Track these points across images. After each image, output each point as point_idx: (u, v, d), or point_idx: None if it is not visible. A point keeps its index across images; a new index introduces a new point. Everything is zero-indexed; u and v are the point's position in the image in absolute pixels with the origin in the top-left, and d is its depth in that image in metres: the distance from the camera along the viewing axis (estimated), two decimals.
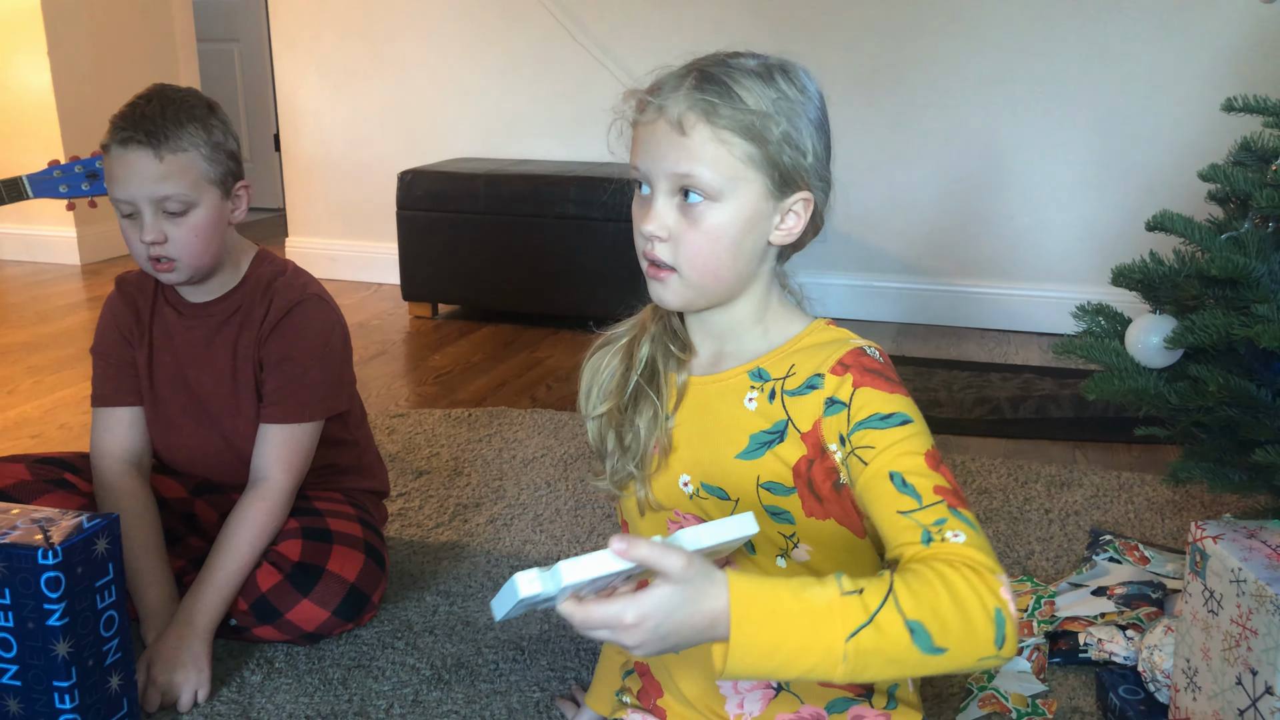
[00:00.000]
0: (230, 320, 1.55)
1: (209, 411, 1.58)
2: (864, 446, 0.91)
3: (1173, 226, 1.23)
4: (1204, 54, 2.91)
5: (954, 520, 0.84)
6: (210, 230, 1.47)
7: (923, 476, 0.87)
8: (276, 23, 3.74)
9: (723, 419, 1.01)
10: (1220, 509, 1.96)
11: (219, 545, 1.48)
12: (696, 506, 1.03)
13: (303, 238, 3.87)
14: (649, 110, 0.97)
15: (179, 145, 1.42)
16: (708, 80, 0.94)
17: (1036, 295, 3.17)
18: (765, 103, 0.93)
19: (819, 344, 1.00)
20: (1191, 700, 1.25)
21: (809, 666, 0.75)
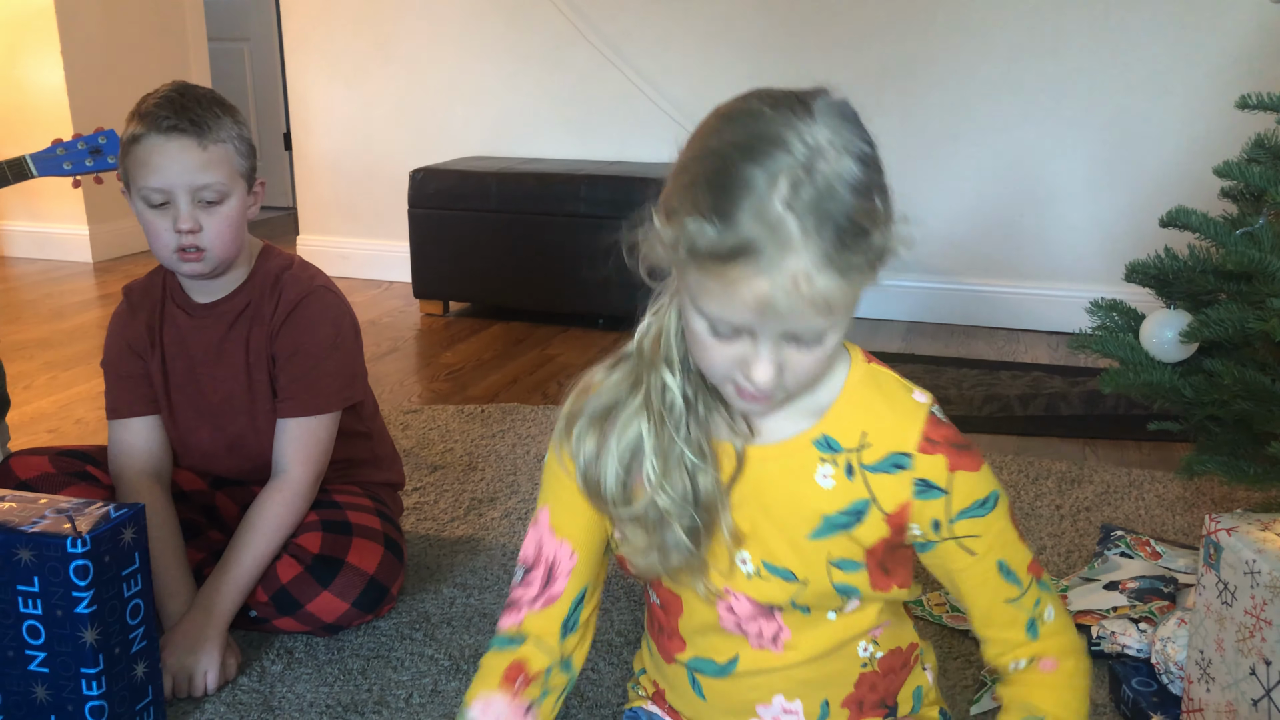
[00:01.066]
0: (241, 317, 1.56)
1: (226, 411, 1.59)
2: (970, 536, 0.91)
3: (1188, 222, 1.24)
4: (1214, 53, 2.92)
5: (1044, 596, 0.95)
6: (239, 222, 1.48)
7: (1019, 556, 0.94)
8: (287, 21, 3.75)
9: (791, 495, 0.91)
10: (1231, 505, 1.96)
11: (238, 536, 1.49)
12: (755, 587, 0.93)
13: (313, 236, 3.89)
14: (753, 282, 0.76)
15: (219, 136, 1.44)
16: (826, 226, 0.75)
17: (1046, 294, 3.17)
18: (877, 207, 0.77)
19: (883, 398, 0.91)
20: (1205, 691, 1.26)
21: None
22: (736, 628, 0.96)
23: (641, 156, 3.45)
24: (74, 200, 4.00)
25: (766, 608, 0.94)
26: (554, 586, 0.97)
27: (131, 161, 1.44)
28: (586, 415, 0.93)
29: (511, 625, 0.99)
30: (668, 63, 3.38)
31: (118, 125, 1.75)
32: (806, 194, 0.74)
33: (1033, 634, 0.95)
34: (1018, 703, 0.96)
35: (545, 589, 0.97)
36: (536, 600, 0.98)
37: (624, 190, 3.10)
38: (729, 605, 0.95)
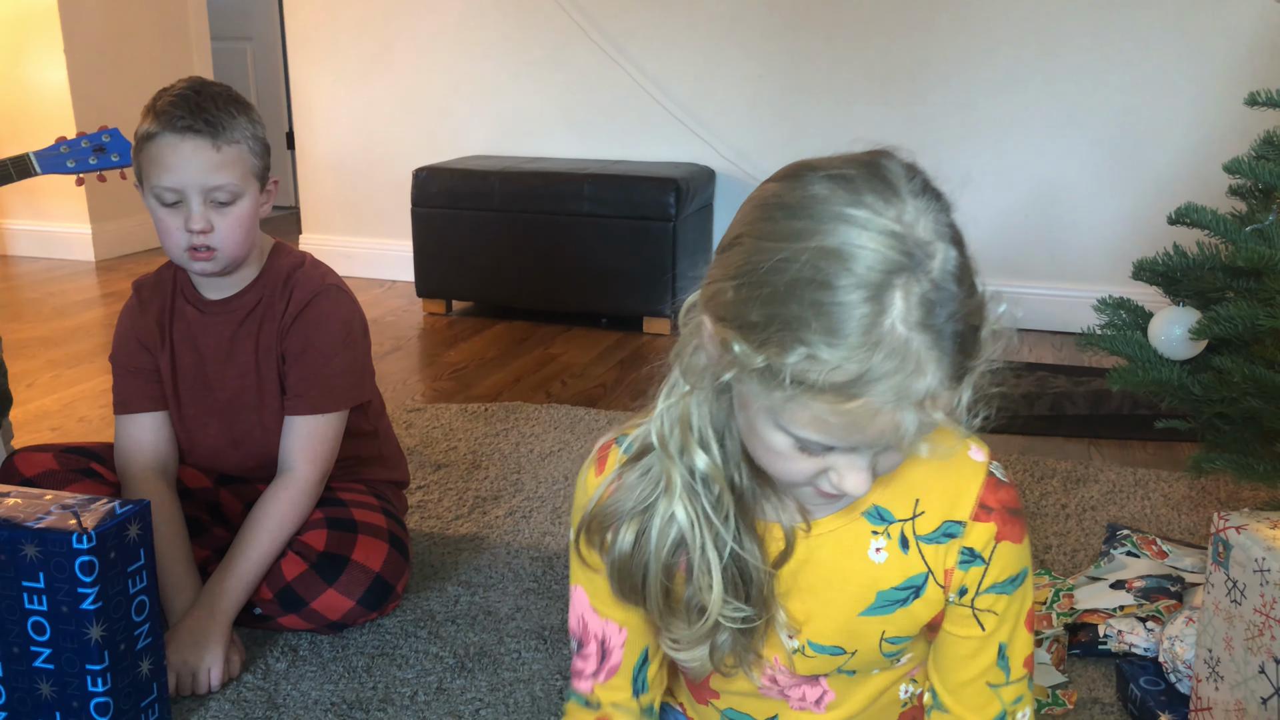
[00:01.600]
0: (252, 314, 1.56)
1: (234, 408, 1.58)
2: (986, 611, 0.86)
3: (1197, 218, 1.24)
4: (1216, 53, 2.92)
5: (1027, 697, 0.90)
6: (251, 222, 1.48)
7: (1022, 644, 0.89)
8: (291, 21, 3.75)
9: (842, 573, 0.85)
10: (1237, 504, 1.96)
11: (243, 533, 1.49)
12: (800, 662, 0.89)
13: (316, 235, 3.88)
14: (870, 401, 0.67)
15: (233, 136, 1.44)
16: (954, 331, 0.67)
17: (1051, 294, 3.17)
18: (977, 295, 0.70)
19: (934, 464, 0.83)
20: (1214, 690, 1.25)
21: None
22: (779, 694, 0.94)
23: (645, 155, 3.44)
24: (77, 199, 4.00)
25: (811, 678, 0.92)
26: (611, 659, 0.93)
27: (145, 158, 1.44)
28: (620, 517, 0.84)
29: (584, 692, 0.96)
30: (672, 62, 3.38)
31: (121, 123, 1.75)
32: (926, 306, 0.66)
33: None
34: None
35: (603, 663, 0.93)
36: (599, 674, 0.94)
37: (627, 189, 3.10)
38: (772, 675, 0.91)
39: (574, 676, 0.96)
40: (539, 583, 1.69)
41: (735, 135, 3.31)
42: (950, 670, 0.89)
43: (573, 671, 0.96)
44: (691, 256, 3.22)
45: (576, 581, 0.93)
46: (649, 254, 3.10)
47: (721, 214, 3.40)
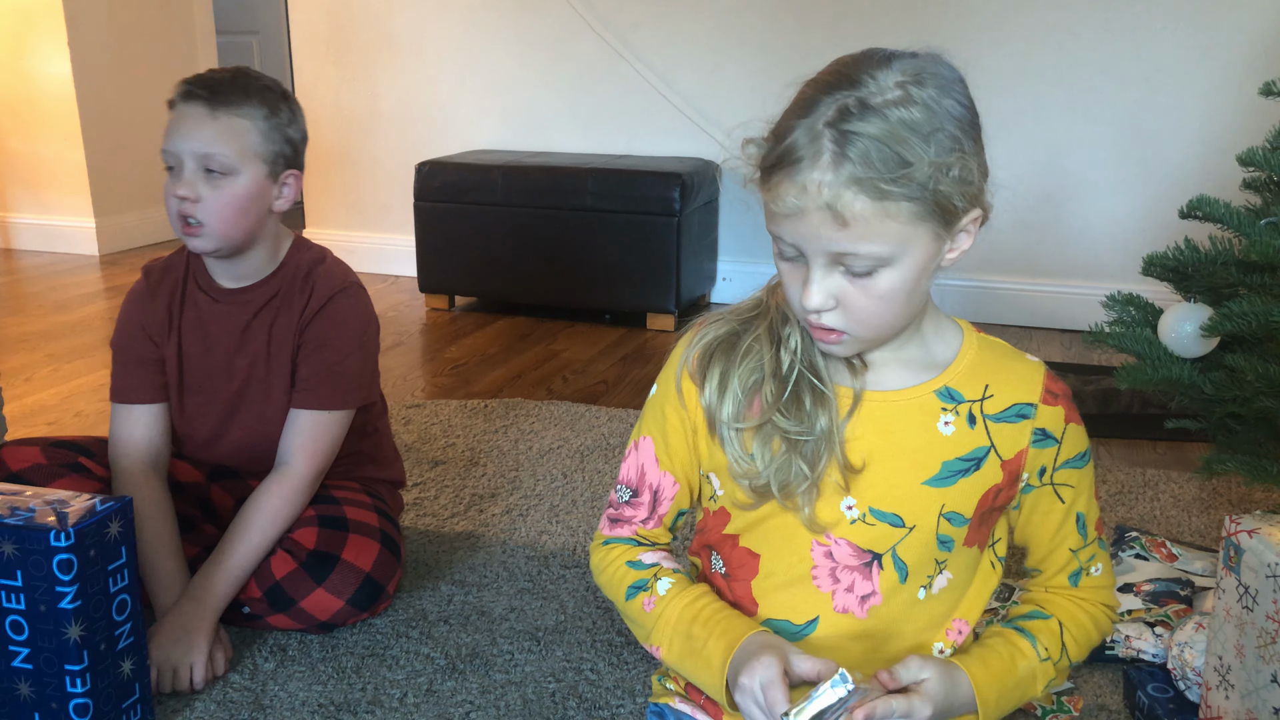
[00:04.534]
0: (269, 306, 1.54)
1: (238, 399, 1.57)
2: (1064, 485, 0.99)
3: (1210, 211, 1.20)
4: (1231, 45, 2.87)
5: (1099, 554, 1.03)
6: (246, 204, 1.46)
7: (1094, 512, 1.02)
8: (295, 15, 3.73)
9: (911, 441, 0.94)
10: (1249, 506, 1.92)
11: (233, 528, 1.46)
12: (859, 532, 0.95)
13: (320, 229, 3.86)
14: (787, 186, 0.83)
15: (236, 110, 1.43)
16: (858, 146, 0.80)
17: (1059, 291, 3.13)
18: (929, 149, 0.81)
19: (999, 358, 0.97)
20: (1224, 699, 1.22)
21: (1020, 706, 1.02)
22: (830, 576, 0.97)
23: (649, 150, 3.41)
24: (80, 193, 3.98)
25: (868, 555, 0.96)
26: (660, 508, 1.04)
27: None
28: (714, 338, 0.97)
29: (624, 534, 1.06)
30: (676, 56, 3.34)
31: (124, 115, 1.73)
32: (849, 118, 0.80)
33: (1074, 582, 1.03)
34: (1032, 601, 1.05)
35: (654, 512, 1.05)
36: (648, 521, 1.05)
37: (631, 184, 3.07)
38: (828, 550, 0.96)
39: (616, 524, 1.06)
40: (534, 582, 1.66)
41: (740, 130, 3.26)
42: (1037, 545, 1.02)
43: (614, 519, 1.06)
44: (696, 252, 3.18)
45: (646, 432, 1.03)
46: (653, 249, 3.07)
47: (726, 209, 3.36)
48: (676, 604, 1.00)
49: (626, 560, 1.04)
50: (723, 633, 0.95)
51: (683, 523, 1.07)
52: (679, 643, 0.99)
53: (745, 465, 0.94)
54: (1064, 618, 1.02)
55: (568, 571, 1.70)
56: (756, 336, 0.96)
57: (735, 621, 0.97)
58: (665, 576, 1.02)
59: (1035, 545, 1.03)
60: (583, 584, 1.66)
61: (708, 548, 1.05)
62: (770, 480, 0.93)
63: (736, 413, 0.95)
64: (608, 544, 1.07)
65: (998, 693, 0.96)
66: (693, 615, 0.98)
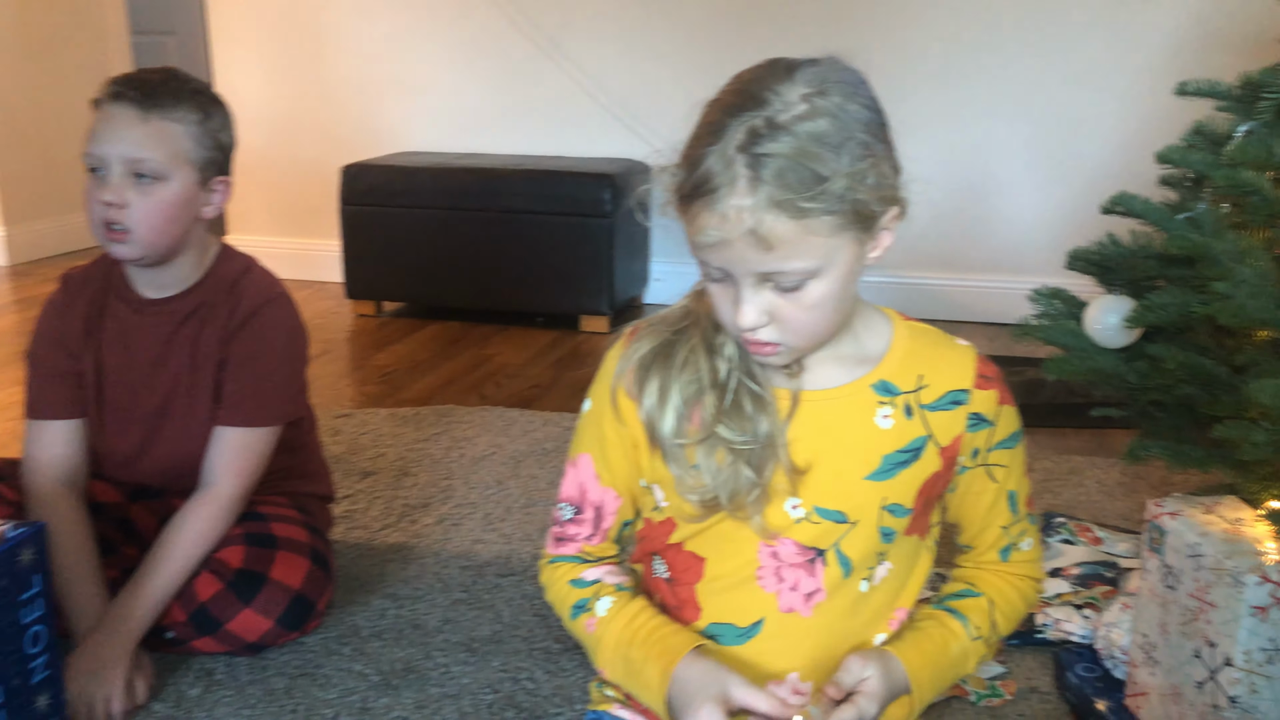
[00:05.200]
0: (192, 317, 1.49)
1: (160, 414, 1.51)
2: (998, 465, 1.00)
3: (1130, 207, 1.22)
4: (1144, 47, 2.95)
5: (1029, 529, 1.06)
6: (175, 210, 1.41)
7: (1025, 490, 1.04)
8: (213, 13, 3.64)
9: (850, 438, 0.95)
10: (1168, 489, 1.96)
11: (155, 551, 1.41)
12: (803, 530, 0.96)
13: (242, 235, 3.77)
14: (707, 216, 0.83)
15: (169, 113, 1.38)
16: (772, 167, 0.80)
17: (985, 286, 3.18)
18: (842, 160, 0.81)
19: (930, 346, 0.98)
20: (1149, 675, 1.25)
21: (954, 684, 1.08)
22: (775, 576, 0.97)
23: (580, 151, 3.39)
24: None
25: (811, 552, 0.96)
26: (604, 524, 1.03)
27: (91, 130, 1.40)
28: (648, 351, 0.96)
29: (569, 552, 1.05)
30: (606, 56, 3.33)
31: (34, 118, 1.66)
32: (759, 140, 0.80)
33: (1004, 557, 1.05)
34: (963, 579, 1.07)
35: (598, 528, 1.03)
36: (592, 537, 1.04)
37: (561, 184, 3.05)
38: (773, 551, 0.96)
39: (560, 542, 1.05)
40: (469, 593, 1.64)
41: (670, 130, 3.24)
42: (969, 524, 1.05)
43: (559, 537, 1.05)
44: (629, 253, 3.17)
45: (584, 449, 1.02)
46: (585, 251, 3.05)
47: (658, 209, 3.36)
48: (614, 625, 0.99)
49: (569, 579, 1.04)
50: (659, 654, 0.95)
51: (629, 533, 1.07)
52: (620, 665, 0.99)
53: (692, 480, 0.94)
54: (993, 594, 1.04)
55: (503, 580, 1.67)
56: (692, 347, 0.95)
57: (671, 640, 0.96)
58: (606, 595, 1.01)
59: (968, 523, 1.05)
60: (518, 593, 1.63)
61: (651, 554, 1.04)
62: (719, 491, 0.93)
63: (678, 427, 0.94)
64: (554, 563, 1.06)
65: (932, 675, 0.99)
66: (629, 637, 0.98)
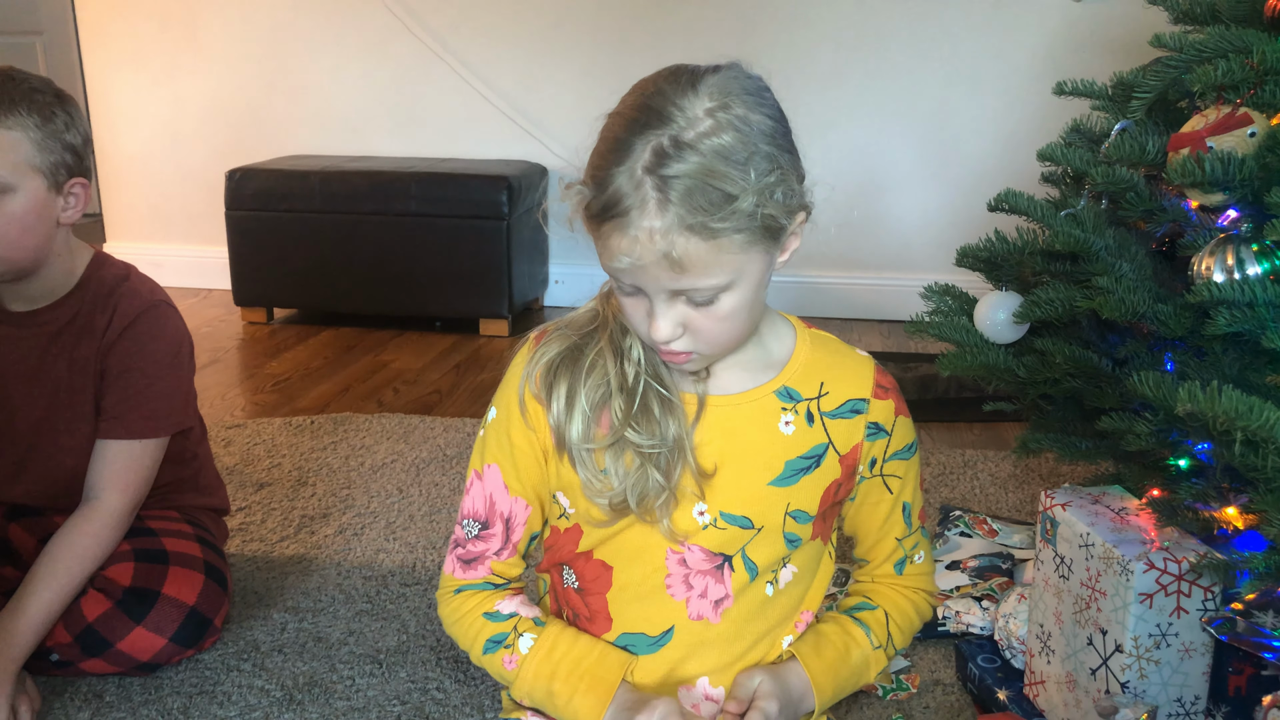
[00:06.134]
0: (67, 329, 1.42)
1: (39, 430, 1.44)
2: (893, 475, 1.02)
3: (1015, 204, 1.26)
4: (1022, 49, 3.06)
5: (922, 542, 1.08)
6: (29, 222, 1.34)
7: (918, 502, 1.06)
8: (83, 13, 3.50)
9: (754, 443, 0.95)
10: (1059, 480, 2.04)
11: (36, 570, 1.35)
12: (710, 537, 0.96)
13: (121, 242, 3.63)
14: (618, 239, 0.82)
15: (3, 122, 1.30)
16: (680, 188, 0.79)
17: (877, 283, 3.26)
18: (749, 176, 0.81)
19: (831, 354, 1.00)
20: (1046, 664, 1.29)
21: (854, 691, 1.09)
22: (684, 583, 0.97)
23: (473, 153, 3.36)
24: None
25: (719, 559, 0.96)
26: (514, 536, 1.01)
27: None
28: (555, 354, 0.95)
29: (476, 578, 1.02)
30: (497, 56, 3.30)
31: None
32: (667, 161, 0.80)
33: (899, 570, 1.08)
34: (860, 592, 1.09)
35: (507, 541, 1.01)
36: (501, 551, 1.01)
37: (457, 187, 3.01)
38: (681, 558, 0.96)
39: (467, 565, 1.01)
40: (373, 604, 1.60)
41: (565, 132, 3.26)
42: (865, 535, 1.06)
43: (465, 559, 1.01)
44: (527, 255, 3.15)
45: (491, 461, 0.99)
46: (482, 254, 3.02)
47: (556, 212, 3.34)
48: (534, 659, 0.98)
49: (483, 612, 1.01)
50: (590, 686, 0.95)
51: (536, 545, 1.05)
52: (540, 697, 0.98)
53: (600, 483, 0.93)
54: (889, 607, 1.06)
55: (407, 590, 1.64)
56: (599, 350, 0.94)
57: (597, 669, 0.96)
58: (527, 632, 0.99)
59: (864, 535, 1.07)
60: (424, 601, 1.61)
61: (559, 564, 1.03)
62: (628, 494, 0.92)
63: (586, 431, 0.93)
64: (461, 592, 1.02)
65: (834, 681, 1.00)
66: (550, 670, 0.97)
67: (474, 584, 1.02)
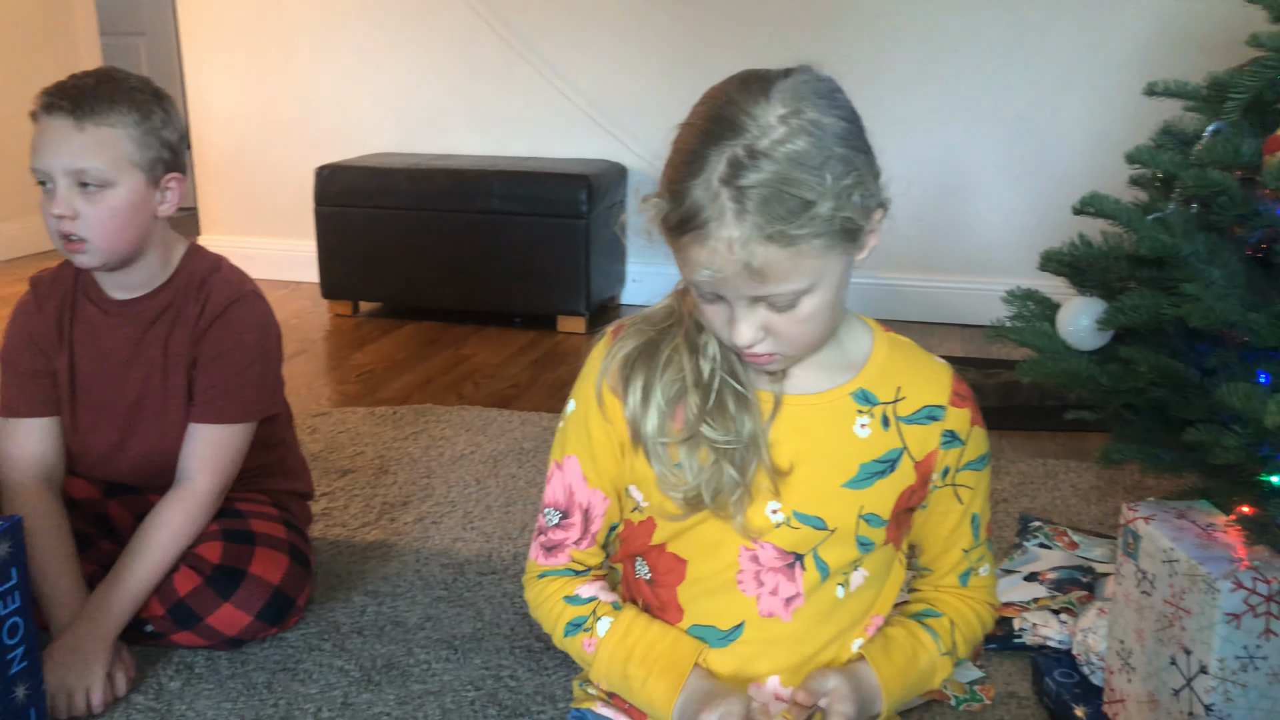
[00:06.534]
0: (161, 318, 1.48)
1: (134, 414, 1.51)
2: (964, 486, 1.01)
3: (1101, 207, 1.24)
4: (1112, 48, 2.99)
5: (987, 555, 1.07)
6: (128, 215, 1.40)
7: (987, 515, 1.05)
8: (184, 15, 3.62)
9: (829, 444, 0.95)
10: (1144, 493, 2.00)
11: (132, 546, 1.41)
12: (782, 535, 0.96)
13: (215, 236, 3.75)
14: (697, 251, 0.83)
15: (104, 119, 1.36)
16: (757, 197, 0.80)
17: (959, 287, 3.21)
18: (825, 180, 0.81)
19: (909, 359, 0.99)
20: (1126, 681, 1.26)
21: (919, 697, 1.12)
22: (755, 580, 0.97)
23: (555, 152, 3.40)
24: None
25: (790, 557, 0.97)
26: (593, 527, 1.03)
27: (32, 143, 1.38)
28: (632, 349, 0.96)
29: (558, 564, 1.04)
30: (580, 57, 3.34)
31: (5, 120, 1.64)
32: (742, 171, 0.80)
33: (964, 581, 1.06)
34: (923, 600, 1.08)
35: (586, 531, 1.02)
36: (580, 541, 1.03)
37: (537, 186, 3.05)
38: (754, 554, 0.97)
39: (549, 552, 1.03)
40: (449, 590, 1.64)
41: (645, 131, 3.28)
42: (931, 544, 1.05)
43: (547, 546, 1.03)
44: (605, 254, 3.18)
45: (570, 452, 1.01)
46: (561, 252, 3.06)
47: (634, 210, 3.37)
48: (609, 642, 0.99)
49: (564, 596, 1.03)
50: (663, 670, 0.96)
51: (614, 537, 1.06)
52: (616, 680, 0.99)
53: (675, 477, 0.94)
54: (954, 615, 1.05)
55: (483, 578, 1.68)
56: (675, 346, 0.94)
57: (671, 654, 0.97)
58: (605, 615, 1.01)
59: (930, 544, 1.06)
60: (499, 590, 1.64)
61: (633, 556, 1.04)
62: (702, 489, 0.93)
63: (661, 425, 0.94)
64: (544, 577, 1.04)
65: (902, 685, 1.00)
66: (625, 654, 0.98)
67: (556, 569, 1.04)
